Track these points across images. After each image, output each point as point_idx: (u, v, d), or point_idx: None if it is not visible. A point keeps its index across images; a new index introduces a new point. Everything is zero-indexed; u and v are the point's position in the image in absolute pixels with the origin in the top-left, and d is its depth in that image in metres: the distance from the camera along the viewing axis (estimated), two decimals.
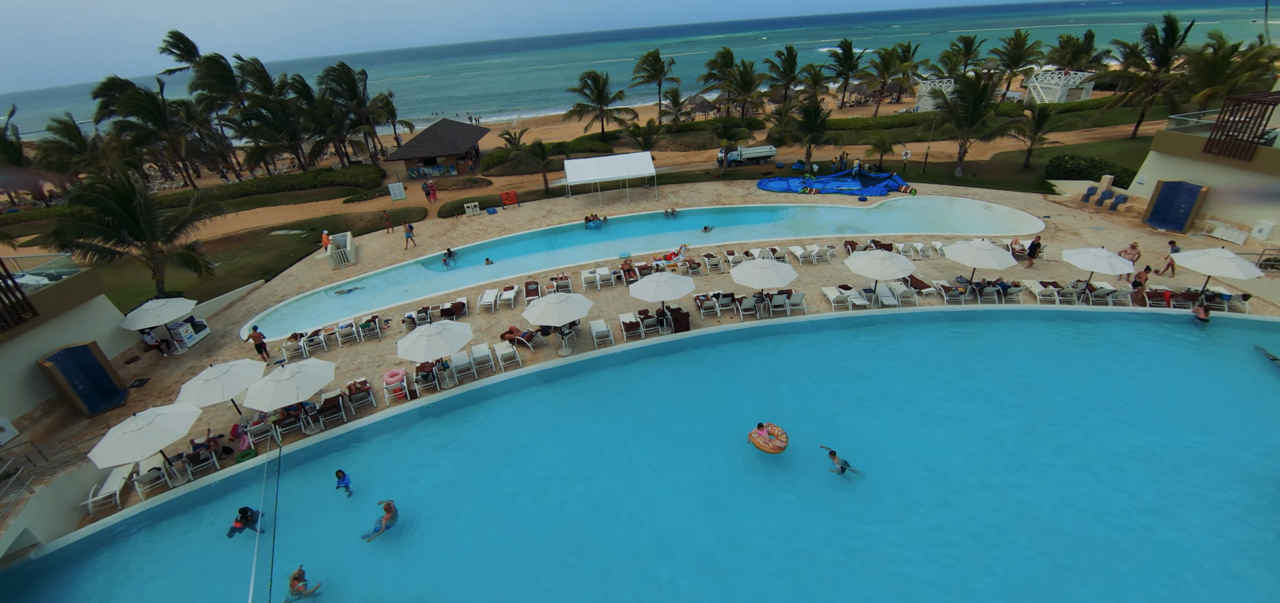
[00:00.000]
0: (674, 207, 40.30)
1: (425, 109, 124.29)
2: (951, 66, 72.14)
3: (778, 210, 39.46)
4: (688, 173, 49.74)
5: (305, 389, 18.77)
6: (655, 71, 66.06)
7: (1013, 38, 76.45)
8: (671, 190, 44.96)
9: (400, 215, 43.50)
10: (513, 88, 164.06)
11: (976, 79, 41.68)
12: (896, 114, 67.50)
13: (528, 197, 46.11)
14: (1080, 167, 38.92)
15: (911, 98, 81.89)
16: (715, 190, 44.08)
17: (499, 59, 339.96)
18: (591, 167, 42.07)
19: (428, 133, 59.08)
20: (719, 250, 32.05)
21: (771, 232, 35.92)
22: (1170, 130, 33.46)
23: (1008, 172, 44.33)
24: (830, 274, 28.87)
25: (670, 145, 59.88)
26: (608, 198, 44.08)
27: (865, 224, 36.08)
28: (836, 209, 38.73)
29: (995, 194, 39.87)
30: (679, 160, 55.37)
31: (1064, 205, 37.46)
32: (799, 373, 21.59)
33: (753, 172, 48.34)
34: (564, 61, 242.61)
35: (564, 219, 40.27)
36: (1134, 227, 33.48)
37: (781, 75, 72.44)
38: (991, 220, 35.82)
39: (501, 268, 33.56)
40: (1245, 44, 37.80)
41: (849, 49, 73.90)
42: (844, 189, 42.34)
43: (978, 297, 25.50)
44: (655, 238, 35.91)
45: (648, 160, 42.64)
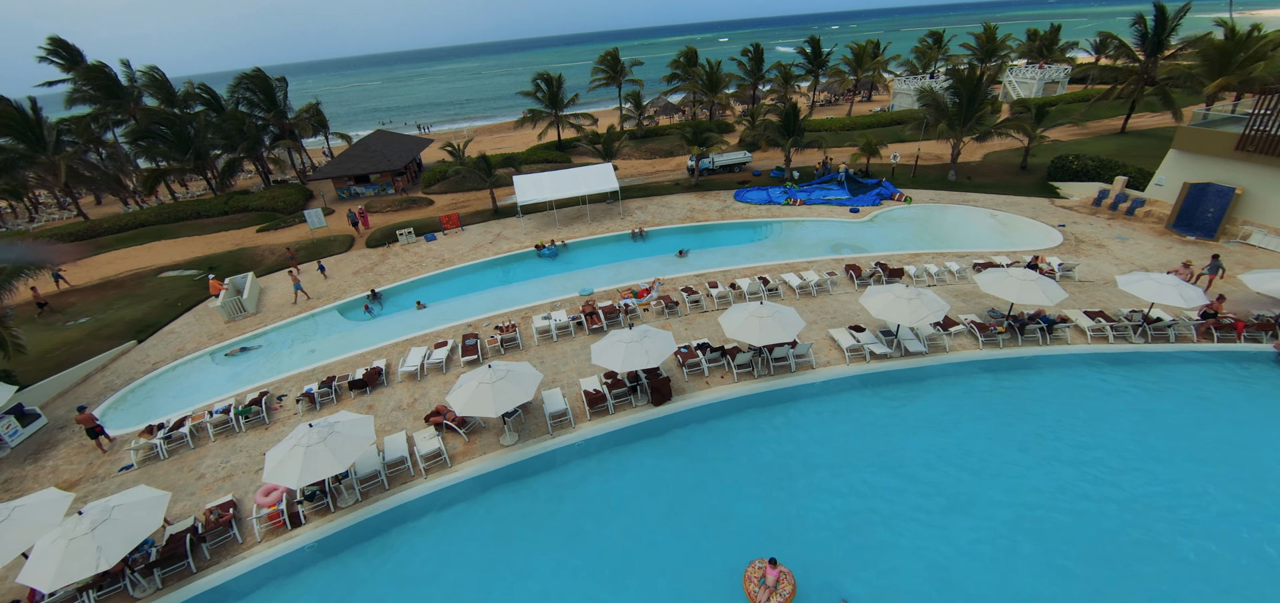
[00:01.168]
0: (642, 226, 34.94)
1: (369, 120, 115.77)
2: (926, 63, 69.09)
3: (760, 226, 34.53)
4: (655, 184, 44.51)
5: (114, 546, 12.60)
6: (614, 73, 60.71)
7: (982, 33, 74.18)
8: (638, 205, 39.63)
9: (321, 247, 36.88)
10: (466, 94, 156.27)
11: (970, 73, 37.79)
12: (872, 113, 63.92)
13: (473, 218, 40.06)
14: (1087, 167, 35.31)
15: (884, 95, 78.85)
16: (688, 204, 38.94)
17: (454, 64, 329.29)
18: (545, 182, 36.33)
19: (359, 146, 52.22)
20: (699, 282, 26.83)
21: (757, 253, 30.91)
22: (1195, 126, 29.93)
23: (1004, 174, 40.61)
24: (835, 309, 23.95)
25: (634, 153, 54.59)
26: (566, 217, 38.42)
27: (861, 240, 31.46)
28: (826, 223, 34.05)
29: (997, 200, 35.92)
30: (645, 169, 50.10)
31: (1074, 210, 33.69)
32: (812, 457, 16.48)
33: (727, 181, 43.45)
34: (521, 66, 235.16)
35: (515, 245, 34.43)
36: (1159, 234, 29.79)
37: (749, 75, 68.17)
38: (1001, 231, 31.68)
39: (436, 313, 27.56)
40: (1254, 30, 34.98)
41: (818, 46, 70.11)
42: (831, 198, 37.79)
43: (1017, 335, 20.92)
44: (622, 266, 30.45)
45: (609, 173, 37.17)
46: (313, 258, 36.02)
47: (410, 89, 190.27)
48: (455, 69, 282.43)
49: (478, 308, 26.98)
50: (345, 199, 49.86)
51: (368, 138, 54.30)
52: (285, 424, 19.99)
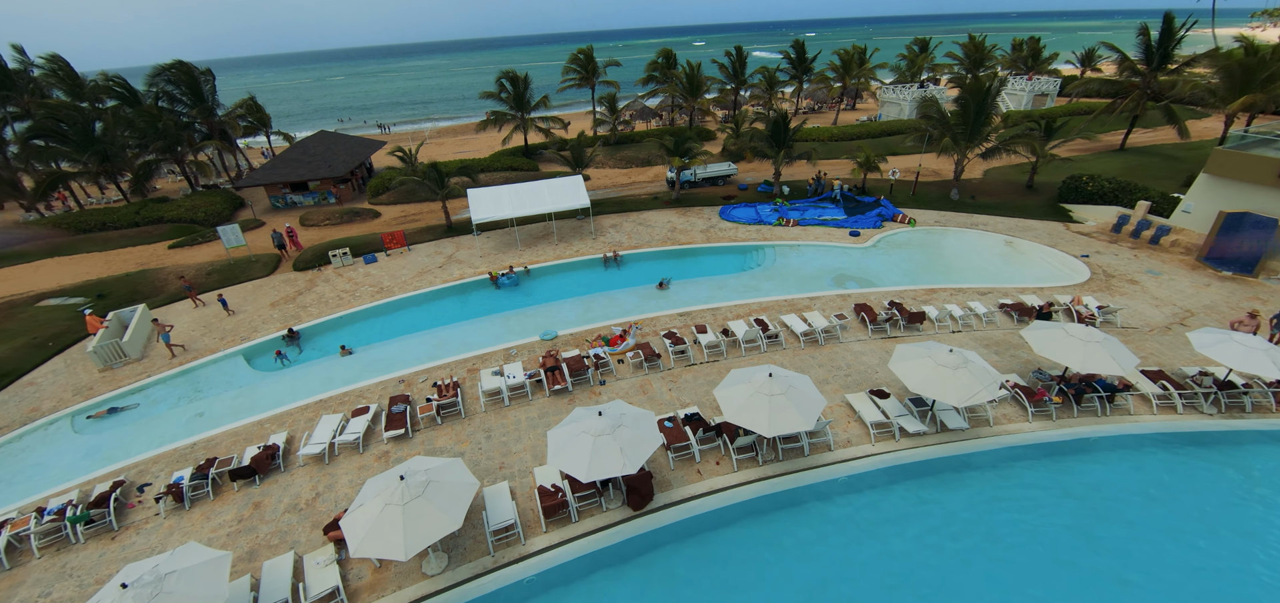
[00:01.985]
0: (617, 250, 30.49)
1: (327, 118, 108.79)
2: (914, 71, 66.34)
3: (750, 251, 30.44)
4: (631, 198, 40.12)
5: None
6: (588, 74, 56.15)
7: (968, 42, 72.01)
8: (612, 223, 35.18)
9: (239, 270, 31.46)
10: (432, 92, 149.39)
11: (977, 83, 34.46)
12: (859, 122, 60.76)
13: (423, 235, 35.05)
14: (1103, 189, 32.25)
15: (871, 103, 76.10)
16: (668, 223, 34.64)
17: (422, 61, 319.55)
18: (505, 197, 31.55)
19: (297, 149, 46.48)
20: (685, 324, 22.52)
21: (749, 285, 26.76)
22: (1231, 148, 26.96)
23: (1010, 193, 37.46)
24: (849, 364, 19.90)
25: (608, 161, 50.11)
26: (529, 236, 33.74)
27: (867, 270, 27.64)
28: (824, 249, 30.15)
29: (1007, 223, 32.61)
30: (619, 181, 45.66)
31: (1093, 238, 30.54)
32: (837, 586, 12.34)
33: (711, 196, 39.35)
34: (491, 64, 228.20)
35: (468, 270, 29.64)
36: (1192, 268, 26.72)
37: (731, 78, 64.45)
38: (1020, 261, 28.23)
39: (364, 362, 22.66)
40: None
41: (803, 50, 66.81)
42: (826, 218, 34.00)
43: (1072, 404, 17.17)
44: (593, 301, 25.96)
45: (579, 187, 32.60)
46: (228, 283, 30.64)
47: (375, 85, 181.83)
48: (423, 66, 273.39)
49: (416, 355, 22.20)
50: (280, 209, 44.17)
51: (308, 139, 48.55)
52: (140, 532, 14.98)
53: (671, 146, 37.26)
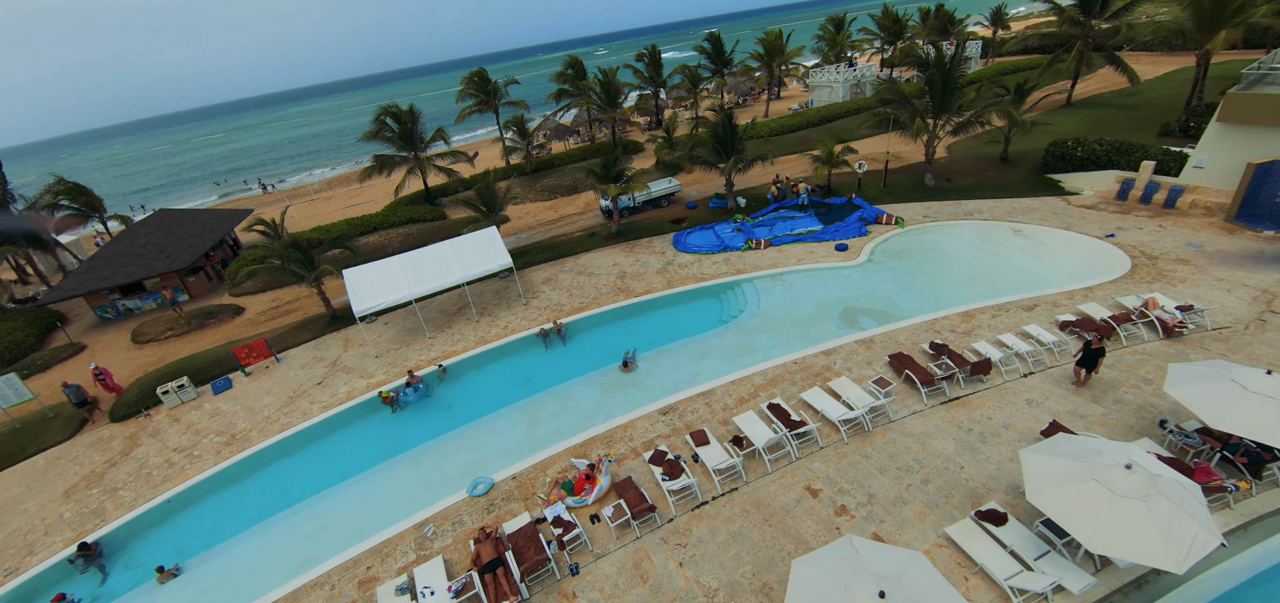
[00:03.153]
0: (558, 320, 23.46)
1: (198, 184, 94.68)
2: (837, 50, 63.12)
3: (726, 292, 24.29)
4: (562, 237, 33.13)
5: None
6: (487, 96, 48.51)
7: (881, 14, 70.07)
8: (545, 277, 28.10)
9: (27, 437, 21.98)
10: (321, 140, 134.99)
11: (940, 56, 30.11)
12: (791, 111, 56.60)
13: (300, 334, 26.64)
14: (1095, 152, 28.60)
15: (797, 89, 72.69)
16: (614, 266, 27.97)
17: (311, 104, 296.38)
18: (397, 273, 23.65)
19: (123, 239, 36.16)
20: (674, 434, 15.92)
21: (738, 343, 20.48)
22: (1245, 90, 23.56)
23: (985, 169, 33.55)
24: (920, 460, 13.97)
25: (528, 194, 42.79)
26: (439, 312, 26.12)
27: (873, 295, 22.14)
28: (813, 273, 24.49)
29: (1000, 206, 28.36)
30: (545, 217, 38.50)
31: (1099, 210, 26.70)
32: None
33: (656, 221, 33.06)
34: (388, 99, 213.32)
35: (361, 380, 21.75)
36: (1227, 231, 23.16)
37: (648, 81, 58.66)
38: (1041, 254, 23.68)
39: (196, 580, 14.50)
40: None
41: (719, 43, 62.11)
42: (800, 231, 28.53)
43: (1253, 478, 11.98)
44: (536, 406, 18.87)
45: (495, 242, 25.23)
46: (8, 462, 21.17)
47: (257, 139, 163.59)
48: (312, 110, 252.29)
49: (278, 560, 14.35)
50: (110, 321, 33.92)
51: (138, 225, 38.18)
52: None
53: (602, 172, 30.63)
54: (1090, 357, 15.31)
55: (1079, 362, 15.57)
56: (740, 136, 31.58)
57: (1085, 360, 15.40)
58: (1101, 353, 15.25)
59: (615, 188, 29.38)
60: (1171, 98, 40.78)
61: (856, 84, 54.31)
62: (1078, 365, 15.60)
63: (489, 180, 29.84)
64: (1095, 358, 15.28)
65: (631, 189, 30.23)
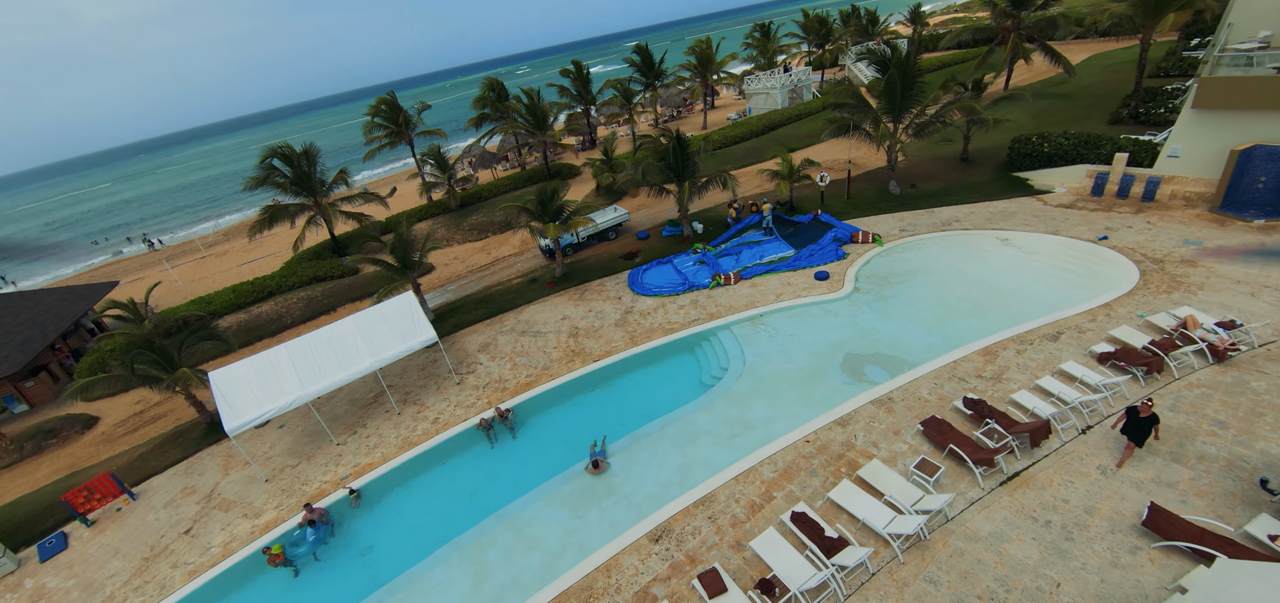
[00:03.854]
0: (498, 405, 18.92)
1: (72, 246, 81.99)
2: (768, 55, 61.52)
3: (700, 345, 20.54)
4: (499, 288, 28.48)
5: None
6: (398, 127, 42.98)
7: (804, 19, 69.57)
8: (482, 342, 23.42)
9: None
10: (219, 186, 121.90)
11: (897, 54, 27.90)
12: (730, 121, 54.23)
13: (168, 452, 20.72)
14: (1062, 147, 27.14)
15: (731, 98, 70.82)
16: (564, 322, 23.68)
17: (210, 144, 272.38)
18: (284, 368, 18.31)
19: None
20: (674, 580, 11.86)
21: (732, 419, 16.72)
22: (1220, 74, 22.40)
23: (948, 171, 31.76)
24: (1006, 583, 10.61)
25: (454, 236, 37.67)
26: (351, 404, 20.94)
27: (872, 333, 19.04)
28: (797, 311, 21.21)
29: (975, 213, 26.34)
30: (476, 262, 33.60)
31: (1077, 208, 25.09)
32: None
33: (605, 256, 29.09)
34: (292, 135, 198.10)
35: (241, 524, 16.39)
36: (1217, 223, 21.78)
37: (577, 98, 54.63)
38: (1038, 266, 21.46)
39: None
40: None
41: (648, 54, 59.08)
42: (768, 256, 25.34)
43: None
44: (484, 543, 14.30)
45: (411, 311, 20.33)
46: None
47: (147, 187, 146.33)
48: (209, 151, 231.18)
49: None
50: None
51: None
52: None
53: (538, 210, 26.33)
54: (1139, 427, 12.24)
55: (1125, 429, 12.50)
56: (692, 157, 28.17)
57: (1133, 430, 12.33)
58: (1154, 422, 12.22)
59: (556, 228, 25.14)
60: (1103, 84, 41.05)
61: (794, 89, 52.64)
62: (1125, 436, 12.52)
63: (402, 229, 24.83)
64: (1147, 428, 12.25)
65: (574, 225, 26.09)
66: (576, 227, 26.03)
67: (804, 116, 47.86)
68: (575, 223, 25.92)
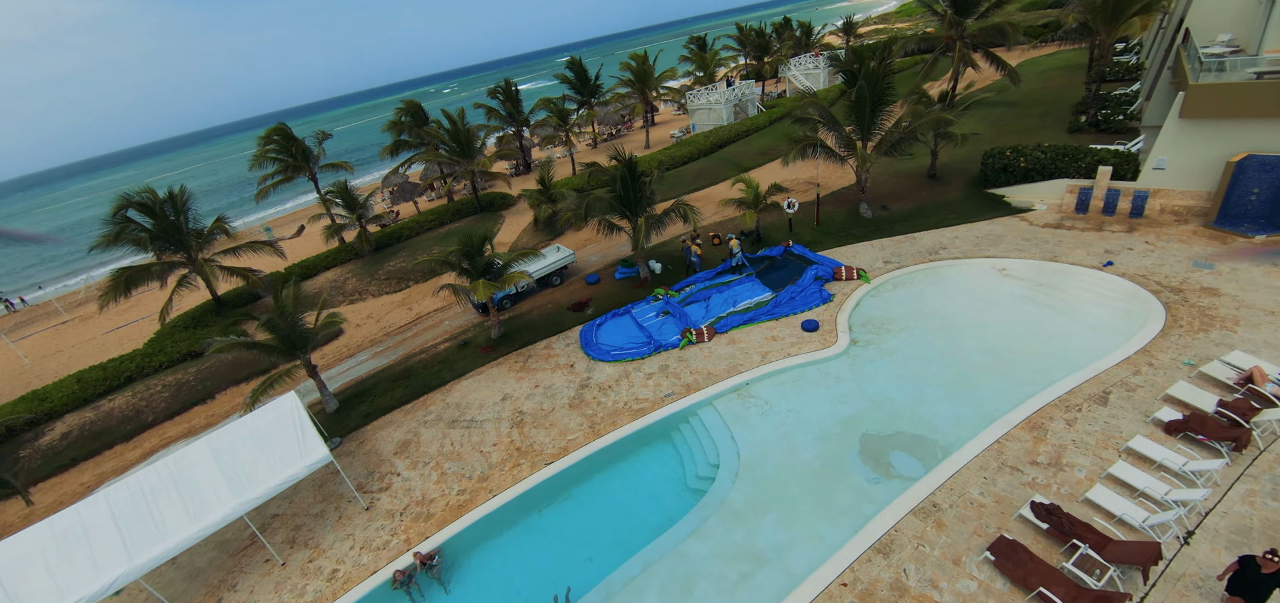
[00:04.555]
0: (419, 550, 14.19)
1: None
2: (706, 69, 58.98)
3: (679, 428, 16.58)
4: (421, 357, 23.47)
5: None
6: (294, 159, 36.90)
7: (740, 33, 67.76)
8: (398, 442, 18.48)
9: None
10: (93, 226, 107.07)
11: (866, 64, 25.26)
12: (675, 138, 51.10)
13: None
14: (1039, 161, 25.29)
15: (670, 114, 67.95)
16: (503, 402, 19.13)
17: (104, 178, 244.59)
18: (99, 529, 12.85)
19: None
20: None
21: (733, 543, 12.79)
22: (1209, 80, 20.90)
23: (918, 190, 29.54)
24: None
25: (367, 286, 32.09)
26: (219, 549, 15.51)
27: (892, 408, 15.73)
28: (792, 379, 17.65)
29: (957, 236, 23.98)
30: (395, 321, 28.26)
31: (1061, 225, 23.16)
32: None
33: (551, 309, 24.76)
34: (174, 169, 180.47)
35: None
36: (1217, 239, 20.15)
37: (508, 120, 50.00)
38: (1049, 303, 18.99)
39: None
40: None
41: (582, 70, 55.27)
42: (743, 301, 21.88)
43: None
44: None
45: (296, 424, 15.23)
46: None
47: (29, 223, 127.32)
48: (98, 186, 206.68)
49: None
50: None
51: None
52: None
53: (464, 262, 21.67)
54: (1260, 587, 8.93)
55: (1236, 586, 9.18)
56: (647, 186, 24.40)
57: (1251, 591, 9.02)
58: (1277, 581, 8.85)
59: (487, 287, 20.55)
60: (1043, 91, 40.77)
61: (738, 104, 50.17)
62: (1238, 599, 9.24)
63: (286, 292, 19.48)
64: (1269, 589, 8.88)
65: (510, 281, 21.56)
66: (510, 281, 21.48)
67: (752, 132, 45.31)
68: (510, 278, 21.39)
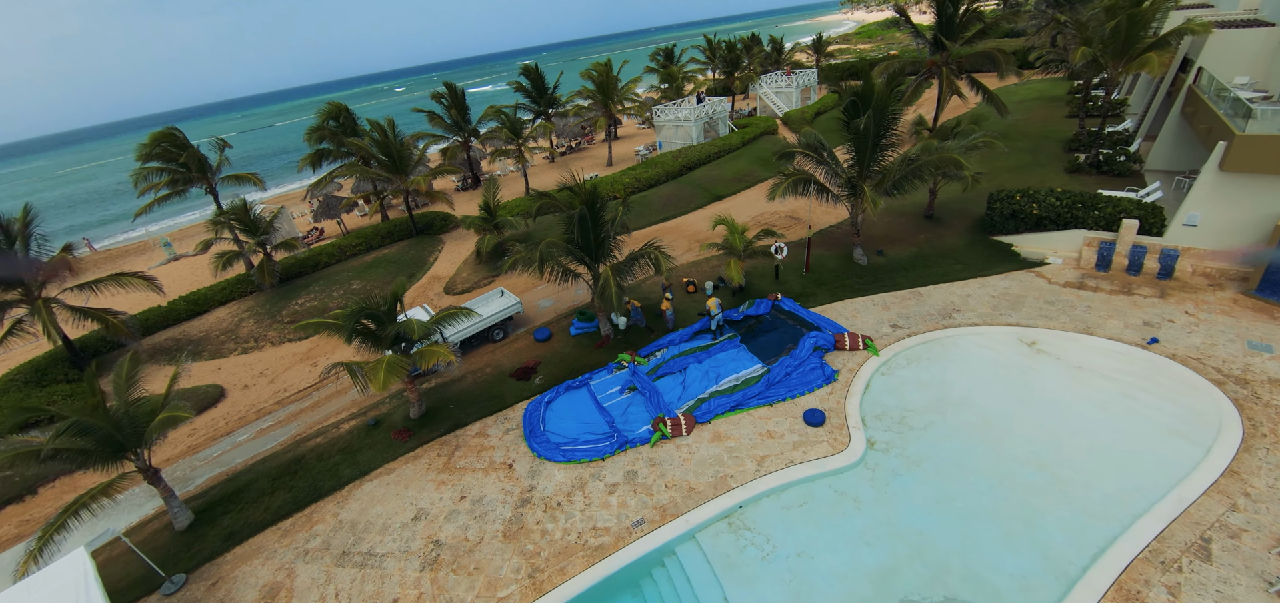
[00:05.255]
0: None
1: None
2: (674, 83, 55.17)
3: (650, 577, 12.36)
4: (313, 442, 18.38)
5: None
6: (187, 169, 30.79)
7: (709, 45, 64.59)
8: (263, 589, 13.53)
9: None
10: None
11: (870, 85, 21.70)
12: (643, 158, 47.04)
13: None
14: (1055, 209, 22.41)
15: (635, 129, 63.88)
16: (415, 529, 14.46)
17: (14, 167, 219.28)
18: None
19: None
20: None
21: None
22: (1257, 130, 18.33)
23: (917, 232, 26.40)
24: None
25: (266, 331, 26.45)
26: None
27: (935, 551, 12.00)
28: (797, 501, 13.73)
29: (969, 293, 20.82)
30: (292, 382, 22.77)
31: (1083, 285, 20.29)
32: None
33: (485, 374, 20.13)
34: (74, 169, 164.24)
35: None
36: (1260, 310, 17.50)
37: (454, 130, 44.73)
38: (1105, 398, 15.73)
39: None
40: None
41: (539, 78, 50.60)
42: (728, 378, 17.92)
43: None
44: None
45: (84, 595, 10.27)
46: None
47: None
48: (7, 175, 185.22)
49: None
50: None
51: None
52: None
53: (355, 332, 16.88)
54: None
55: None
56: (612, 225, 20.17)
57: None
58: None
59: (395, 368, 15.73)
60: (1026, 122, 38.88)
61: (709, 122, 46.58)
62: None
63: (96, 393, 14.15)
64: None
65: (432, 359, 16.69)
66: (429, 363, 16.61)
67: (725, 154, 41.74)
68: (430, 356, 16.51)
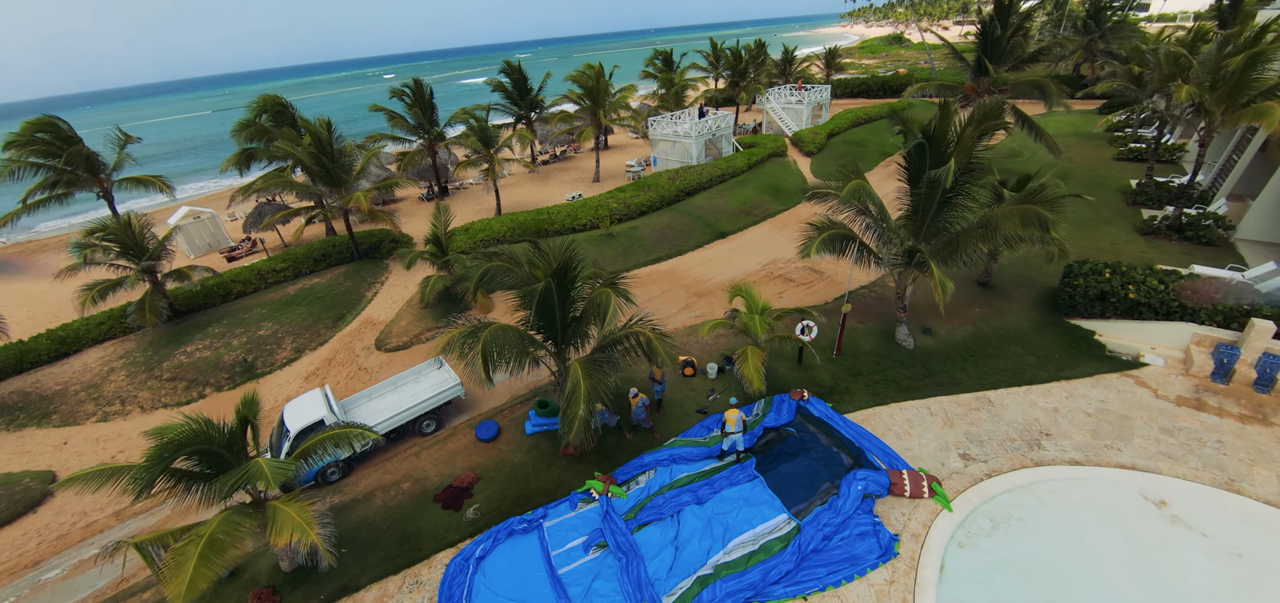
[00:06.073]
0: None
1: None
2: (674, 92, 49.55)
3: None
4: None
5: None
6: (72, 168, 24.78)
7: (713, 51, 59.30)
8: None
9: None
10: None
11: (954, 117, 16.45)
12: (638, 177, 41.64)
13: None
14: (1157, 294, 17.51)
15: (626, 139, 58.37)
16: None
17: None
18: None
19: None
20: None
21: None
22: None
23: (971, 303, 21.36)
24: None
25: (137, 391, 20.64)
26: None
27: None
28: None
29: (1058, 408, 15.82)
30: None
31: (1207, 408, 15.42)
32: None
33: (400, 490, 14.65)
34: None
35: None
36: None
37: (417, 130, 38.78)
38: (1272, 590, 10.77)
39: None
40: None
41: (521, 77, 45.03)
42: (735, 541, 12.68)
43: None
44: None
45: None
46: None
47: None
48: None
49: None
50: None
51: None
52: None
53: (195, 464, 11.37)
54: None
55: None
56: (588, 308, 14.82)
57: None
58: None
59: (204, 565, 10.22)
60: (1073, 165, 34.10)
61: (712, 140, 41.29)
62: None
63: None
64: None
65: (286, 534, 11.03)
66: (304, 543, 11.00)
67: (728, 178, 36.54)
68: (285, 523, 10.93)
